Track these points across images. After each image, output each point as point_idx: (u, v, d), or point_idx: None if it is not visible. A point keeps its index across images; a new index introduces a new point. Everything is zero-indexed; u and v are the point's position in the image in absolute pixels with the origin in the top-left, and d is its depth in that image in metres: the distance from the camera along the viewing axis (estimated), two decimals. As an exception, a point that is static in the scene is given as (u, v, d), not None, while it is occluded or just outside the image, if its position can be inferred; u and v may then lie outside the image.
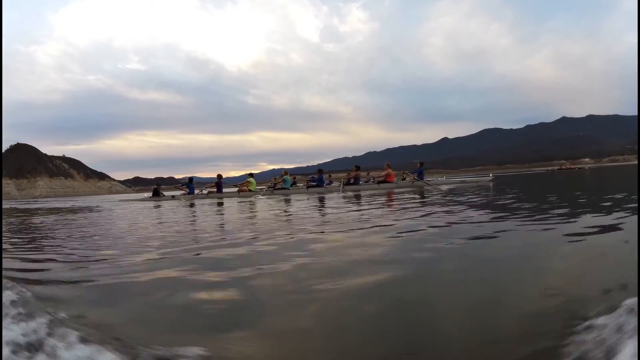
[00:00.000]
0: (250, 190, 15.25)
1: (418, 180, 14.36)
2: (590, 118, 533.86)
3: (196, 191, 16.76)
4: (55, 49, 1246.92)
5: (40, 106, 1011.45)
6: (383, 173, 14.99)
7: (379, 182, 14.77)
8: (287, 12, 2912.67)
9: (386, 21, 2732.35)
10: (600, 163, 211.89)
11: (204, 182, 17.23)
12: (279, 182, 15.71)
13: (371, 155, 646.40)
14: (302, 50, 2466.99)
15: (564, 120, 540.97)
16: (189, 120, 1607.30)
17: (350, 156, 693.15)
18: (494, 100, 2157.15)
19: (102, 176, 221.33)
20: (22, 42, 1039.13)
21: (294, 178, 16.73)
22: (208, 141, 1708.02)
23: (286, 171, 16.14)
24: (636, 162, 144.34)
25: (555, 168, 58.35)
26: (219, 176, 16.95)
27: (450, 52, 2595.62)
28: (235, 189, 16.00)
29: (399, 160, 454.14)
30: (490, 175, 15.57)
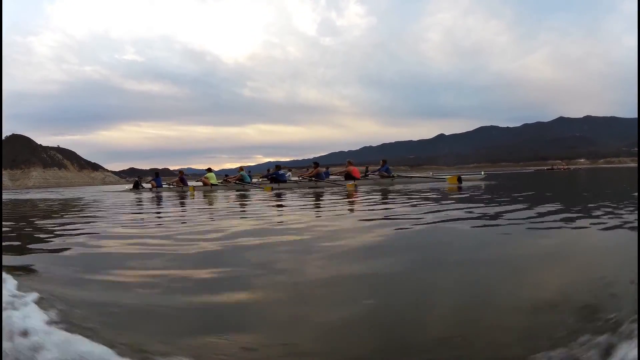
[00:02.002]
0: (212, 185, 15.78)
1: (387, 176, 13.65)
2: (588, 119, 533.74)
3: (164, 184, 17.54)
4: (52, 39, 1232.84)
5: (37, 97, 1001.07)
6: (343, 170, 14.34)
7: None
8: (284, 5, 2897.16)
9: (383, 16, 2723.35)
10: (595, 164, 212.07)
11: (200, 174, 17.48)
12: (237, 178, 15.88)
13: (367, 150, 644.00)
14: (299, 43, 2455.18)
15: (561, 120, 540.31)
16: (184, 111, 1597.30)
17: (346, 150, 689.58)
18: (491, 98, 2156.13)
19: (95, 167, 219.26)
20: (19, 32, 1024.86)
21: (249, 172, 16.85)
22: (204, 133, 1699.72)
23: (242, 167, 16.31)
24: (632, 164, 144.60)
25: (545, 168, 57.39)
26: (181, 172, 17.47)
27: (448, 48, 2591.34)
28: (199, 184, 16.65)
29: (394, 155, 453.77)
30: (482, 173, 14.25)
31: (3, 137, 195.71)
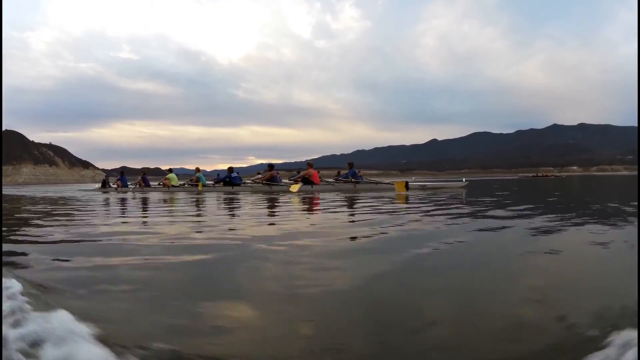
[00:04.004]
0: (173, 186, 15.72)
1: (359, 182, 12.74)
2: (582, 126, 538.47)
3: (129, 185, 17.47)
4: (49, 35, 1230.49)
5: (32, 92, 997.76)
6: (302, 173, 13.48)
7: (296, 181, 13.35)
8: (280, 7, 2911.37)
9: (379, 20, 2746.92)
10: (587, 172, 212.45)
11: (191, 175, 16.68)
12: (194, 180, 15.67)
13: (360, 154, 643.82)
14: (294, 45, 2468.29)
15: (555, 127, 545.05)
16: (178, 111, 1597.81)
17: (339, 153, 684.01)
18: (485, 104, 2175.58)
19: (86, 165, 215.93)
20: (16, 28, 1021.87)
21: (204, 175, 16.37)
22: (197, 133, 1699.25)
23: (198, 168, 15.99)
24: (625, 172, 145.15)
25: (531, 175, 59.92)
26: (144, 171, 17.49)
27: (443, 53, 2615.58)
28: (158, 184, 16.70)
29: (386, 159, 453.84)
30: (464, 180, 13.45)
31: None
